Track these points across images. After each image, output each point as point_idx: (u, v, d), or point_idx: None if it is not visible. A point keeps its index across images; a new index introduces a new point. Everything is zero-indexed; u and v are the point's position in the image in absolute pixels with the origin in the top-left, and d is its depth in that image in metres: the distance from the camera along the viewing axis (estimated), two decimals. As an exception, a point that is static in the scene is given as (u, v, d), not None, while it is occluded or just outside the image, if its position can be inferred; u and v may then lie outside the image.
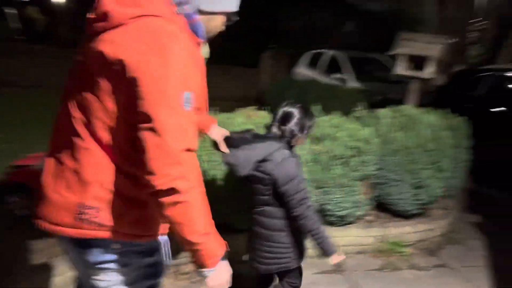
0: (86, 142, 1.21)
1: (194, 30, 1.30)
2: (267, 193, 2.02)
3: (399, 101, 6.01)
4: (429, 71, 3.73)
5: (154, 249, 1.41)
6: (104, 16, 1.16)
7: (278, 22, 18.25)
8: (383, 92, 7.48)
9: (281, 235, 2.06)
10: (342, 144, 3.11)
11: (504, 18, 10.72)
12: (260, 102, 7.03)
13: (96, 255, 1.28)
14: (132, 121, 1.13)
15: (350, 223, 3.39)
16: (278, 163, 1.92)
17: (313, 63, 10.22)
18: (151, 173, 1.10)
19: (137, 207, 1.25)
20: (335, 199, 3.14)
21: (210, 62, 1.70)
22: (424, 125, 3.57)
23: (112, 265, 1.30)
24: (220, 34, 1.49)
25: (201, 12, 1.32)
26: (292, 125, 2.01)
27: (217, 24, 1.40)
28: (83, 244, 1.27)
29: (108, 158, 1.21)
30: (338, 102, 6.68)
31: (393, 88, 7.71)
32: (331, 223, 3.29)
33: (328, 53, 9.93)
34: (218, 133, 1.96)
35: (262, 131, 2.10)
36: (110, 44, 1.14)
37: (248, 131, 2.04)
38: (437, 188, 3.54)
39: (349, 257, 3.33)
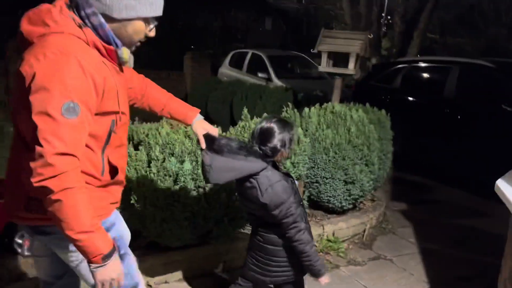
0: (23, 145, 1.36)
1: (106, 39, 1.38)
2: (259, 214, 1.95)
3: (323, 97, 6.14)
4: (352, 67, 3.81)
5: (109, 226, 1.51)
6: (21, 36, 1.35)
7: (196, 23, 17.99)
8: (306, 88, 7.62)
9: (279, 250, 1.99)
10: (274, 147, 3.03)
11: (408, 13, 11.50)
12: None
13: (53, 239, 1.45)
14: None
15: (287, 225, 3.33)
16: (265, 191, 1.82)
17: (237, 63, 10.16)
18: (30, 172, 1.22)
19: None
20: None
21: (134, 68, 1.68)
22: (350, 121, 3.62)
23: (70, 246, 1.42)
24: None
25: (114, 20, 1.38)
26: (274, 142, 1.88)
27: (136, 29, 1.43)
28: (40, 231, 1.46)
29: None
30: (265, 101, 6.68)
31: (315, 84, 7.90)
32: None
33: (251, 52, 9.93)
34: (201, 127, 1.86)
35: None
36: (21, 61, 1.29)
37: (236, 140, 1.90)
38: (368, 182, 3.61)
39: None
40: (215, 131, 1.88)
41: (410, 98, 5.97)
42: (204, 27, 18.29)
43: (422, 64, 6.23)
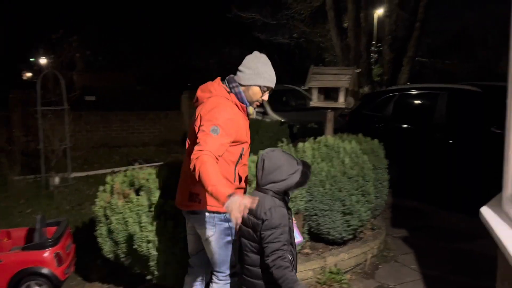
0: (189, 159, 2.08)
1: (241, 100, 2.34)
2: (247, 239, 2.05)
3: (317, 129, 6.27)
4: (341, 101, 3.96)
5: (229, 219, 2.14)
6: (197, 99, 2.40)
7: (192, 61, 18.42)
8: (301, 120, 7.78)
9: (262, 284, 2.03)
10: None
11: (396, 42, 11.81)
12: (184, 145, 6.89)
13: (198, 218, 2.30)
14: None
15: (288, 260, 3.38)
16: (268, 210, 1.97)
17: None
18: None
19: None
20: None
21: (128, 109, 2.01)
22: (344, 153, 3.73)
23: (208, 225, 2.28)
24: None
25: (242, 85, 2.34)
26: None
27: (254, 92, 2.36)
28: (193, 212, 2.31)
29: None
30: (261, 136, 6.81)
31: (310, 115, 8.06)
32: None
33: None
34: None
35: None
36: (198, 112, 2.29)
37: None
38: (365, 211, 3.68)
39: (292, 295, 3.30)
40: None
41: (402, 125, 6.11)
42: (200, 65, 18.70)
43: (412, 92, 6.41)
